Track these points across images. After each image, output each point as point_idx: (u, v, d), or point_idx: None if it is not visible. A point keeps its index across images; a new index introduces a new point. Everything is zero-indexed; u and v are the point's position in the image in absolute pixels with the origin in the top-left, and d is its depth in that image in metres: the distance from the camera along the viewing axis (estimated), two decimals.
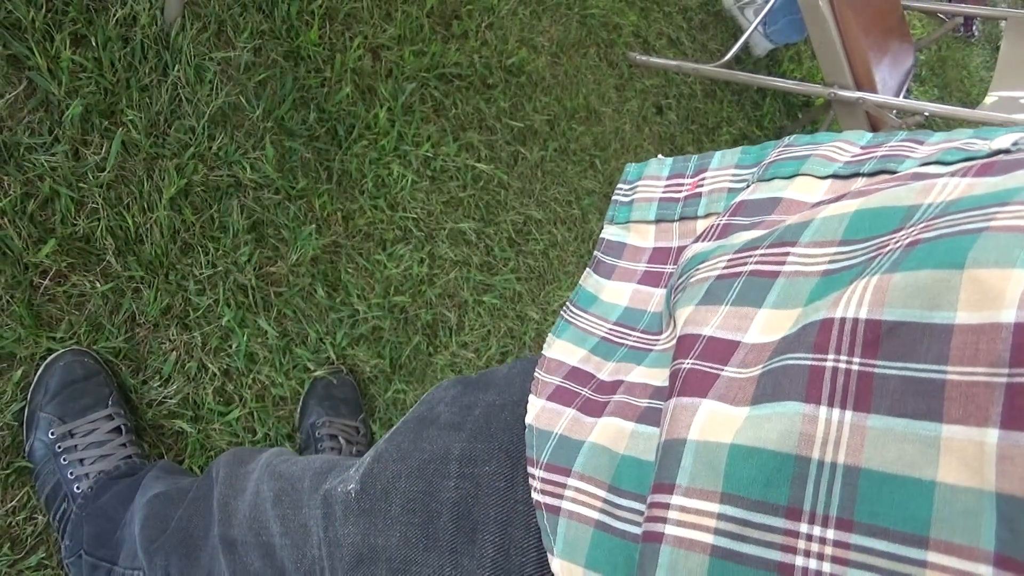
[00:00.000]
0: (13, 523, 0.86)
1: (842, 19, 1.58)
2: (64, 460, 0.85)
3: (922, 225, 0.27)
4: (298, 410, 1.12)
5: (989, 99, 1.69)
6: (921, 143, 0.37)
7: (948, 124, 2.57)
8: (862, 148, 0.39)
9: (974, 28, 3.16)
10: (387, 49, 1.35)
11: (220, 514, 0.59)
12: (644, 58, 1.80)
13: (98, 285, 0.96)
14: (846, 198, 0.33)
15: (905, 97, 1.87)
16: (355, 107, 1.28)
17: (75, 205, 0.96)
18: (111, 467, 0.87)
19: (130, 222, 0.99)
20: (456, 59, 1.44)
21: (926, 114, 1.55)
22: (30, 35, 0.95)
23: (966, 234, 0.25)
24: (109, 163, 0.99)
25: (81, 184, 0.97)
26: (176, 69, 1.07)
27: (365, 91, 1.31)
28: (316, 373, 1.14)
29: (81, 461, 0.85)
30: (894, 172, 0.36)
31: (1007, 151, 0.33)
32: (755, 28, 1.80)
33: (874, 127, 1.71)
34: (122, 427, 0.89)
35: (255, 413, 1.08)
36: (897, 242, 0.28)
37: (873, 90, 1.62)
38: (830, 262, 0.30)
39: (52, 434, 0.85)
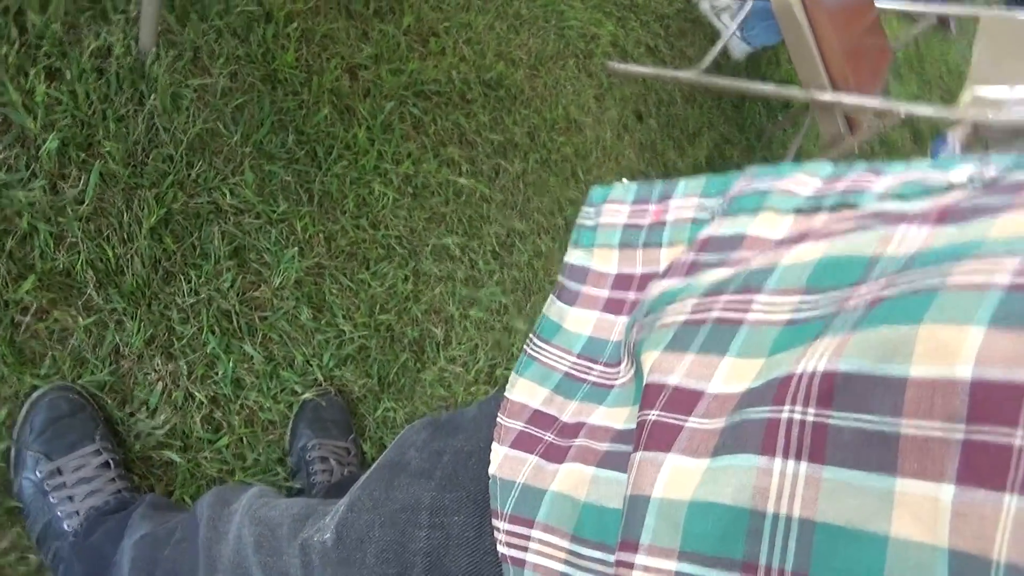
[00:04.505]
0: (5, 563, 0.85)
1: (816, 23, 1.59)
2: (53, 498, 0.84)
3: (883, 281, 0.28)
4: (288, 434, 1.12)
5: (965, 98, 1.71)
6: (880, 174, 0.38)
7: (927, 123, 2.59)
8: (823, 181, 0.39)
9: (951, 24, 3.19)
10: (364, 69, 1.35)
11: (205, 557, 0.59)
12: (623, 67, 1.81)
13: (80, 319, 0.96)
14: (808, 239, 0.34)
15: (883, 96, 1.88)
16: (334, 128, 1.28)
17: (54, 240, 0.95)
18: (101, 502, 0.86)
19: (110, 254, 0.99)
20: (434, 76, 1.45)
21: (903, 114, 1.57)
22: (3, 71, 0.94)
23: (923, 291, 0.26)
24: (87, 196, 0.99)
25: (60, 218, 0.96)
26: (152, 98, 1.07)
27: (343, 111, 1.31)
28: (304, 396, 1.14)
29: (71, 498, 0.85)
30: (855, 206, 0.36)
31: (963, 186, 0.34)
32: (732, 33, 1.81)
33: (852, 128, 1.73)
34: (110, 461, 0.89)
35: (244, 439, 1.07)
36: (859, 297, 0.28)
37: (850, 92, 1.64)
38: (793, 311, 0.31)
39: (40, 472, 0.85)
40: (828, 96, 1.63)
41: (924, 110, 1.54)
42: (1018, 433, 0.22)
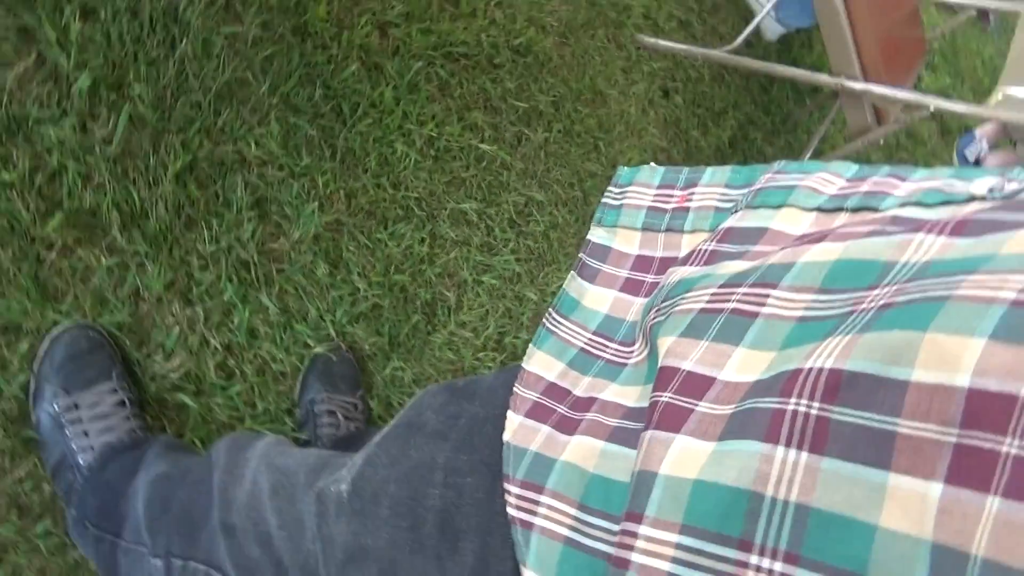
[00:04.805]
0: (21, 491, 0.88)
1: (853, 8, 1.57)
2: (69, 432, 0.87)
3: (895, 287, 0.29)
4: (298, 385, 1.15)
5: (996, 96, 1.69)
6: (903, 179, 0.38)
7: (955, 118, 2.55)
8: (847, 181, 0.40)
9: (990, 18, 3.12)
10: (394, 26, 1.35)
11: (220, 499, 0.61)
12: (653, 40, 1.79)
13: (103, 259, 0.97)
14: (828, 239, 0.35)
15: (915, 86, 1.86)
16: (361, 85, 1.28)
17: (82, 179, 0.97)
18: (115, 439, 0.89)
19: (136, 197, 1.00)
20: (463, 38, 1.44)
21: (932, 108, 1.55)
22: (40, 6, 0.95)
23: (932, 301, 0.27)
24: (116, 137, 1.00)
25: (88, 158, 0.97)
26: (184, 43, 1.07)
27: (371, 69, 1.31)
28: (316, 350, 1.16)
29: (86, 433, 0.87)
30: (876, 209, 0.37)
31: (983, 198, 0.34)
32: (766, 13, 1.78)
33: (880, 118, 1.71)
34: (126, 400, 0.92)
35: (256, 388, 1.10)
36: (872, 301, 0.29)
37: (880, 82, 1.62)
38: (807, 309, 0.32)
39: (57, 405, 0.87)
40: (858, 85, 1.61)
41: (954, 106, 1.52)
42: (1006, 441, 0.23)
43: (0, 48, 0.92)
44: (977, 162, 2.21)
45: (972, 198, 0.34)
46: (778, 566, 0.26)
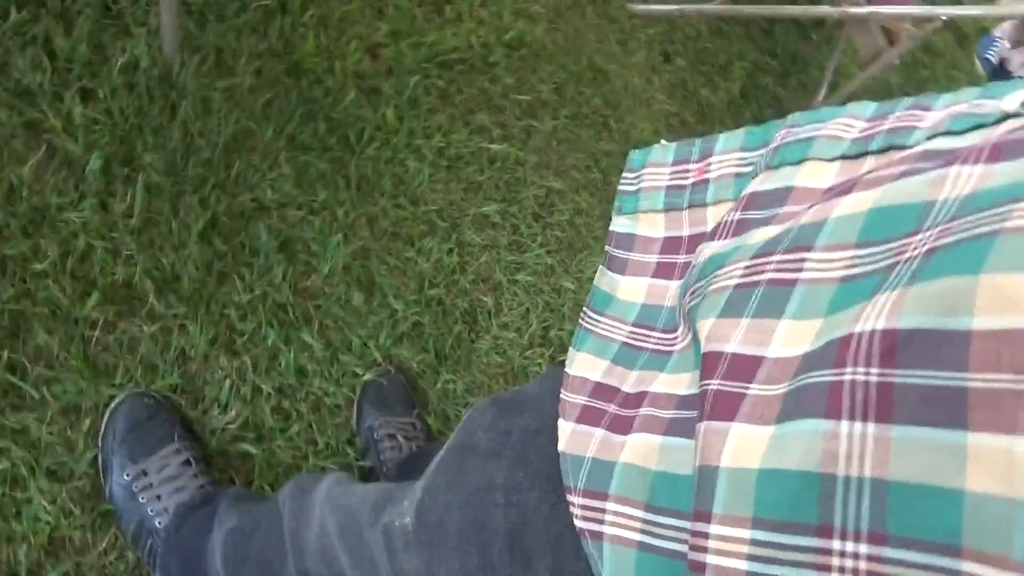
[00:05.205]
0: (107, 563, 0.91)
1: None
2: (143, 499, 0.89)
3: (938, 229, 0.27)
4: (354, 415, 1.16)
5: None
6: (927, 109, 0.36)
7: (971, 23, 2.46)
8: (867, 122, 0.38)
9: None
10: (384, 47, 1.35)
11: (292, 547, 0.62)
12: (644, 7, 1.76)
13: (145, 328, 1.00)
14: (857, 188, 0.33)
15: (922, 2, 1.80)
16: (362, 110, 1.29)
17: (111, 255, 0.99)
18: (187, 498, 0.91)
19: (165, 262, 1.03)
20: (454, 44, 1.44)
21: (943, 18, 1.50)
22: (41, 99, 0.98)
23: (981, 238, 0.25)
24: (136, 209, 1.02)
25: (113, 234, 1.00)
26: (184, 105, 1.10)
27: (369, 92, 1.32)
28: (365, 377, 1.17)
29: (158, 497, 0.90)
30: (903, 147, 0.35)
31: (1017, 114, 0.32)
32: None
33: (891, 40, 1.65)
34: (191, 459, 0.94)
35: (313, 425, 1.11)
36: (915, 248, 0.28)
37: (885, 2, 1.57)
38: (847, 267, 0.30)
39: (127, 475, 0.90)
40: (862, 9, 1.56)
41: (966, 11, 1.47)
42: None
43: (11, 145, 0.95)
44: (1001, 64, 2.13)
45: (1005, 117, 0.32)
46: (864, 548, 0.25)
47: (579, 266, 1.50)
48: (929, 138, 0.33)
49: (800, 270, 0.32)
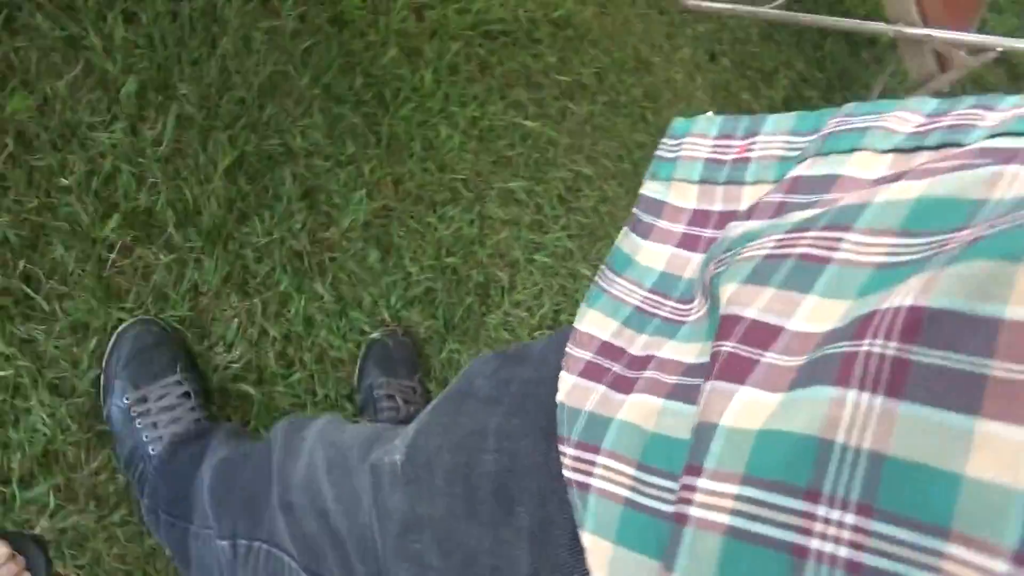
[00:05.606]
0: (97, 482, 0.92)
1: None
2: (139, 424, 0.90)
3: (986, 225, 0.26)
4: (356, 372, 1.16)
5: None
6: (991, 109, 0.34)
7: None
8: (926, 117, 0.36)
9: None
10: (430, 8, 1.34)
11: (278, 478, 0.62)
12: (696, 3, 1.74)
13: (162, 257, 1.00)
14: (907, 177, 0.32)
15: (980, 28, 1.76)
16: (400, 69, 1.28)
17: (136, 180, 0.99)
18: (182, 430, 0.91)
19: (188, 194, 1.03)
20: (500, 15, 1.42)
21: (1000, 50, 1.47)
22: (84, 15, 0.97)
23: None
24: (166, 137, 1.02)
25: (140, 159, 1.00)
26: (224, 41, 1.09)
27: (410, 53, 1.31)
28: (372, 335, 1.17)
29: (155, 425, 0.90)
30: (960, 144, 0.33)
31: None
32: None
33: (943, 66, 1.62)
34: (191, 392, 0.94)
35: (315, 375, 1.11)
36: (958, 244, 0.26)
37: (942, 26, 1.54)
38: (886, 254, 0.29)
39: (127, 399, 0.90)
40: (917, 31, 1.53)
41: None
42: None
43: (49, 58, 0.95)
44: None
45: None
46: (850, 517, 0.24)
47: (598, 254, 1.49)
48: (989, 137, 0.32)
49: (836, 249, 0.31)
